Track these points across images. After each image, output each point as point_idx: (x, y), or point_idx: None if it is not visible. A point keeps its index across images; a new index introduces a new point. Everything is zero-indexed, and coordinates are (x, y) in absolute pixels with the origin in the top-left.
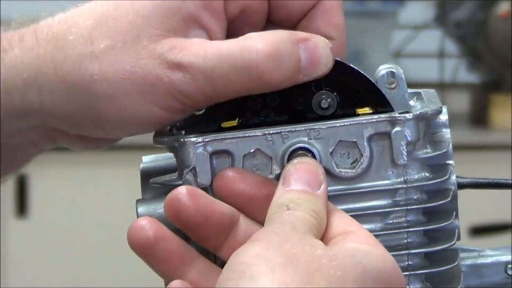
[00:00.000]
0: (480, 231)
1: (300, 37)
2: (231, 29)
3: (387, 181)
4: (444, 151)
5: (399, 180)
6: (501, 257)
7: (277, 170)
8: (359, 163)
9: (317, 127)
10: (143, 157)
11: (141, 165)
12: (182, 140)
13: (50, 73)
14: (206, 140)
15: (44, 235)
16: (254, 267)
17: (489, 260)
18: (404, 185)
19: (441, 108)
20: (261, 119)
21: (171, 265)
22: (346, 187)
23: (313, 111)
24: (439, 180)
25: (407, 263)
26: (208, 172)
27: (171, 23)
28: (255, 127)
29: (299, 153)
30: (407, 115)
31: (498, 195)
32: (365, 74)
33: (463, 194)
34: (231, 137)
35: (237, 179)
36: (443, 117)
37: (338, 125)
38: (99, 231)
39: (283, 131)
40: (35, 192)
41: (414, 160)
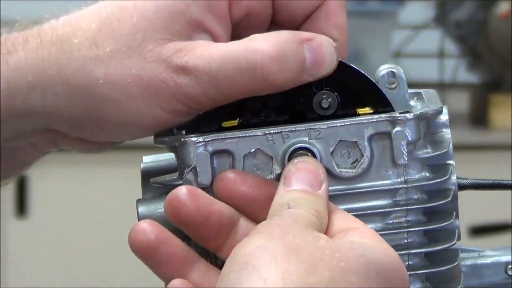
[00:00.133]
0: (480, 231)
1: (304, 37)
2: (235, 32)
3: (388, 181)
4: (444, 151)
5: (399, 180)
6: (501, 258)
7: (277, 170)
8: (360, 163)
9: (318, 127)
10: (143, 157)
11: (142, 165)
12: (182, 139)
13: (54, 75)
14: (206, 139)
15: (44, 235)
16: (256, 257)
17: (489, 260)
18: (404, 185)
19: (442, 108)
20: (262, 119)
21: (172, 267)
22: (346, 187)
23: (314, 111)
24: (440, 180)
25: (407, 263)
26: (208, 171)
27: (176, 26)
28: (255, 127)
29: (300, 152)
30: (407, 115)
31: (498, 195)
32: (365, 74)
33: (463, 194)
34: (232, 136)
35: (238, 181)
36: (444, 117)
37: (338, 125)
38: (99, 231)
39: (283, 131)
40: (35, 192)
41: (414, 160)
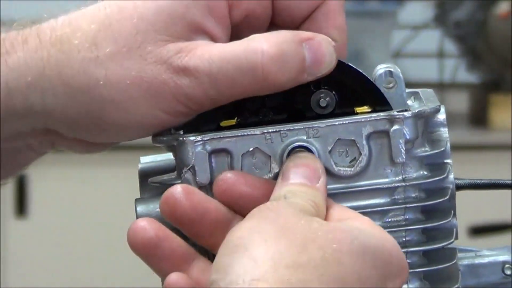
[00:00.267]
0: (479, 231)
1: (303, 37)
2: (235, 33)
3: (386, 179)
4: (442, 149)
5: (397, 178)
6: (498, 257)
7: (276, 168)
8: (358, 161)
9: (316, 125)
10: (141, 157)
11: (139, 166)
12: (181, 139)
13: (53, 76)
14: (205, 139)
15: (44, 235)
16: (247, 239)
17: (486, 260)
18: (402, 184)
19: (439, 106)
20: (260, 118)
21: (173, 264)
22: (344, 185)
23: (312, 110)
24: (437, 178)
25: None
26: (207, 171)
27: (176, 28)
28: (254, 126)
29: (298, 151)
30: (405, 113)
31: (497, 195)
32: (363, 72)
33: (462, 194)
34: (230, 136)
35: (238, 182)
36: (441, 116)
37: (337, 123)
38: (99, 231)
39: (282, 129)
40: (35, 192)
41: (412, 158)
